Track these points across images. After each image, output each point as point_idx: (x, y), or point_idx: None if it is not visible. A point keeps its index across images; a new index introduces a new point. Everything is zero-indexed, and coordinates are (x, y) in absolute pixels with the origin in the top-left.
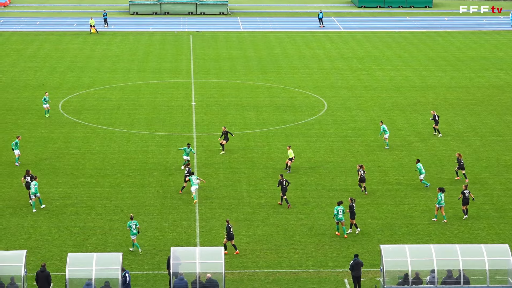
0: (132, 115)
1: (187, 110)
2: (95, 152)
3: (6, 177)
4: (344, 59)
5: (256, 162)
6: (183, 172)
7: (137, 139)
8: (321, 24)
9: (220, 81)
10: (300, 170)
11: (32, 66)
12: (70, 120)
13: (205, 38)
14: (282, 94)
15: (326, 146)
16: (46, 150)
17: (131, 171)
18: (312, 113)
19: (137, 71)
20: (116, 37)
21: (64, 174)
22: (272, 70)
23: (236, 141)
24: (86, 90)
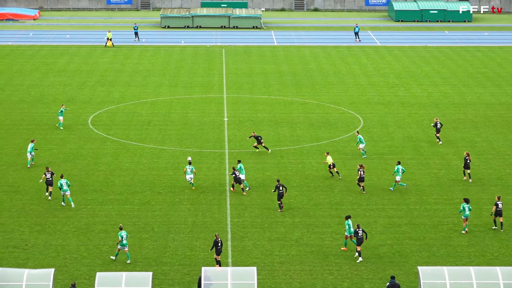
0: (163, 130)
1: (219, 126)
2: (125, 169)
3: (34, 193)
4: (381, 75)
5: (290, 180)
6: (215, 189)
7: (168, 155)
8: (357, 39)
9: (253, 96)
10: (335, 188)
11: (61, 80)
12: (99, 136)
13: (238, 52)
14: (316, 110)
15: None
16: (75, 166)
17: (162, 188)
18: (347, 130)
19: (168, 85)
20: (147, 51)
21: (93, 191)
22: (307, 85)
23: (269, 158)
24: (116, 105)
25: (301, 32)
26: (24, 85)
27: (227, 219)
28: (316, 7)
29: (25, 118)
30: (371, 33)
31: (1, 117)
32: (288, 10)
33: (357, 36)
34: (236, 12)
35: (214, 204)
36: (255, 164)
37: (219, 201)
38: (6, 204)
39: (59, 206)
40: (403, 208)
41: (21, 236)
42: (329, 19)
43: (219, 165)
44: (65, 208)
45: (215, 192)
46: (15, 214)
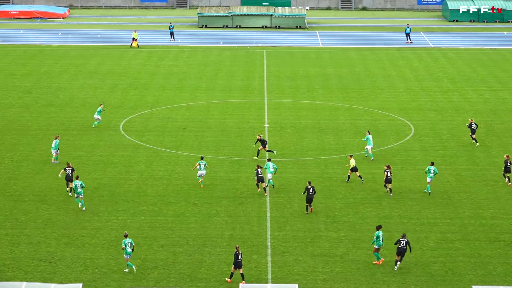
0: (199, 137)
1: (259, 133)
2: (159, 178)
3: (62, 203)
4: (434, 79)
5: (335, 191)
6: (254, 200)
7: None
8: (408, 40)
9: (296, 101)
10: (383, 201)
11: (91, 82)
12: (131, 142)
13: (280, 54)
14: (364, 116)
15: (413, 175)
16: (105, 175)
17: (197, 199)
18: (397, 138)
19: (206, 89)
20: (183, 52)
21: (124, 201)
22: (354, 89)
23: (312, 168)
24: (150, 109)
25: (348, 33)
26: (52, 87)
27: (267, 233)
28: (365, 6)
29: (53, 123)
30: (424, 34)
31: (28, 121)
32: (334, 9)
33: (408, 37)
34: (278, 11)
35: (253, 217)
36: (298, 173)
37: (258, 213)
38: (32, 215)
39: (87, 217)
40: (457, 223)
41: (47, 249)
42: (378, 19)
43: None
44: (94, 219)
45: (254, 203)
46: (41, 225)
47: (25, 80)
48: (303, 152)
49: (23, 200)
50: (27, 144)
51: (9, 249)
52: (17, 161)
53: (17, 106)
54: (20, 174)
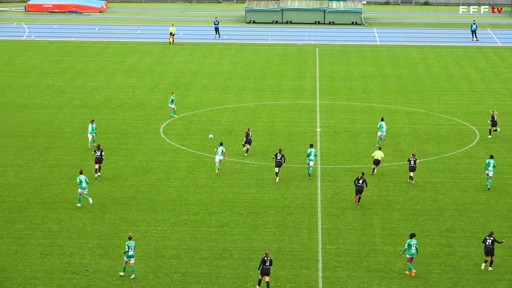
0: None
1: (310, 138)
2: (201, 185)
3: (97, 211)
4: (502, 80)
5: (392, 202)
6: (304, 211)
7: (251, 170)
8: (474, 38)
9: (351, 103)
10: (445, 213)
11: (130, 82)
12: (172, 147)
13: (334, 52)
14: (425, 120)
15: (478, 185)
16: (144, 182)
17: (243, 209)
18: (460, 144)
19: (253, 90)
20: (229, 50)
21: (164, 210)
22: (414, 91)
23: (367, 176)
24: (192, 111)
25: (408, 30)
26: (87, 87)
27: (318, 246)
28: (427, 1)
29: (88, 125)
30: (491, 31)
31: (61, 123)
32: (393, 4)
33: (474, 35)
34: (332, 6)
35: (303, 228)
36: (352, 182)
37: (309, 224)
38: (65, 224)
39: (124, 227)
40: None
41: (81, 261)
42: (441, 15)
43: (309, 183)
44: (131, 229)
45: (304, 214)
46: (75, 235)
47: (58, 79)
48: (358, 159)
49: (56, 208)
50: (60, 148)
51: (41, 260)
52: (49, 166)
53: (50, 106)
54: (53, 180)
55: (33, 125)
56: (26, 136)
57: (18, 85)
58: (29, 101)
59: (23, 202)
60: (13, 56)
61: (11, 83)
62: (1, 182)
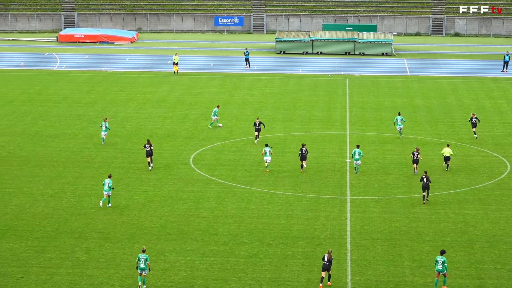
0: (275, 172)
1: (340, 169)
2: (230, 215)
3: (127, 241)
4: None
5: (422, 233)
6: (333, 241)
7: (280, 201)
8: (504, 69)
9: (381, 134)
10: (475, 244)
11: (160, 112)
12: (202, 177)
13: (364, 83)
14: (455, 151)
15: (508, 216)
16: (173, 211)
17: (272, 239)
18: (491, 176)
19: (283, 120)
20: (259, 80)
21: (194, 240)
22: (444, 122)
23: (398, 207)
24: (222, 141)
25: (438, 61)
26: (118, 117)
27: (347, 277)
28: (457, 32)
29: (118, 155)
30: None
31: (92, 153)
32: (424, 35)
33: (506, 66)
34: (363, 37)
35: (333, 259)
36: (381, 213)
37: (338, 255)
38: (94, 253)
39: (153, 257)
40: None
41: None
42: (471, 46)
43: (339, 214)
44: (160, 259)
45: (334, 245)
46: (104, 264)
47: (89, 109)
48: (388, 190)
49: (85, 238)
50: (90, 177)
51: None
52: (79, 195)
53: (81, 136)
54: (83, 210)
55: (64, 155)
56: (57, 165)
57: (49, 115)
58: (60, 131)
59: (53, 232)
60: (45, 86)
61: (43, 113)
62: (32, 212)
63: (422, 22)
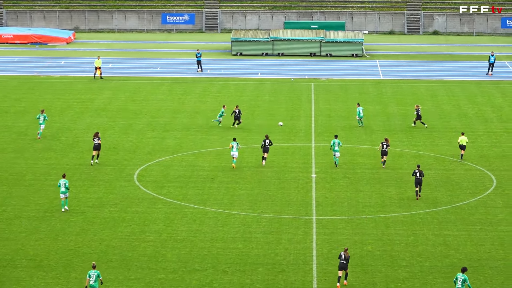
0: (231, 190)
1: (304, 185)
2: (180, 239)
3: (62, 269)
4: None
5: (397, 258)
6: (298, 268)
7: (237, 222)
8: (489, 71)
9: (351, 146)
10: (457, 270)
11: (100, 122)
12: (148, 195)
13: (332, 88)
14: (434, 165)
15: (494, 238)
16: (115, 235)
17: (228, 266)
18: (475, 192)
19: (239, 130)
20: (212, 85)
21: (138, 268)
22: (422, 132)
23: (370, 228)
24: (171, 155)
25: (415, 62)
26: (52, 128)
27: None
28: (436, 30)
29: (52, 171)
30: (509, 64)
31: (22, 169)
32: (398, 33)
33: (491, 68)
34: (330, 36)
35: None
36: (352, 235)
37: (303, 283)
38: (25, 284)
39: None
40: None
41: None
42: (452, 45)
43: (303, 237)
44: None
45: (298, 272)
46: None
47: (19, 119)
48: (359, 209)
49: (14, 266)
50: (20, 197)
51: None
52: (7, 218)
53: (9, 150)
54: (11, 234)
55: None
56: None
57: None
58: None
59: None
60: None
61: None
62: None
63: (396, 19)
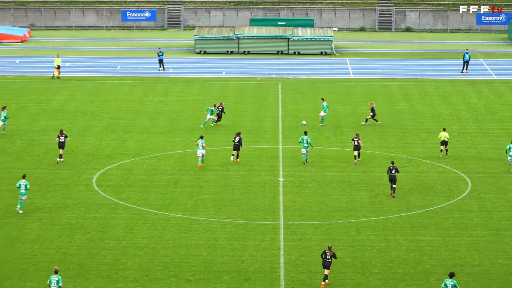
0: (194, 194)
1: (272, 189)
2: (142, 246)
3: (17, 279)
4: (498, 120)
5: (368, 264)
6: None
7: (201, 228)
8: (464, 70)
9: (320, 148)
10: (431, 277)
11: (57, 124)
12: (108, 201)
13: (300, 87)
14: (407, 167)
15: (470, 243)
16: (73, 243)
17: (192, 274)
18: (449, 196)
19: (203, 132)
20: (175, 86)
21: (97, 277)
22: (394, 133)
23: (340, 234)
24: (132, 158)
25: (387, 60)
26: (7, 130)
27: None
28: (409, 26)
29: (6, 176)
30: (484, 62)
31: None
32: (369, 30)
33: (465, 66)
34: (298, 33)
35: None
36: (321, 241)
37: None
38: None
39: None
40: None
41: None
42: (425, 42)
43: (270, 243)
44: None
45: (264, 279)
46: None
47: None
48: (328, 214)
49: None
50: None
51: None
52: None
53: None
54: None
55: None
56: None
57: None
58: None
59: None
60: None
61: None
62: None
63: (367, 15)
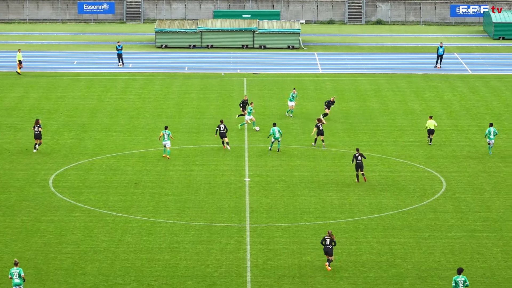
0: (156, 196)
1: (237, 190)
2: (101, 251)
3: None
4: (473, 116)
5: (339, 268)
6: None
7: (163, 231)
8: (438, 64)
9: (288, 146)
10: (404, 281)
11: (11, 122)
12: (65, 203)
13: (266, 83)
14: (378, 167)
15: (444, 245)
16: (28, 247)
17: (154, 279)
18: (423, 196)
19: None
20: (135, 81)
21: (55, 282)
22: (365, 131)
23: (309, 236)
24: (90, 158)
25: (357, 55)
26: None
27: None
28: (380, 19)
29: None
30: (458, 56)
31: None
32: (339, 23)
33: (439, 60)
34: (263, 26)
35: None
36: (289, 244)
37: None
38: None
39: None
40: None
41: None
42: (397, 36)
43: (236, 246)
44: None
45: (230, 285)
46: None
47: None
48: (297, 215)
49: None
50: None
51: None
52: None
53: None
54: None
55: None
56: None
57: None
58: None
59: None
60: None
61: None
62: None
63: (336, 7)
